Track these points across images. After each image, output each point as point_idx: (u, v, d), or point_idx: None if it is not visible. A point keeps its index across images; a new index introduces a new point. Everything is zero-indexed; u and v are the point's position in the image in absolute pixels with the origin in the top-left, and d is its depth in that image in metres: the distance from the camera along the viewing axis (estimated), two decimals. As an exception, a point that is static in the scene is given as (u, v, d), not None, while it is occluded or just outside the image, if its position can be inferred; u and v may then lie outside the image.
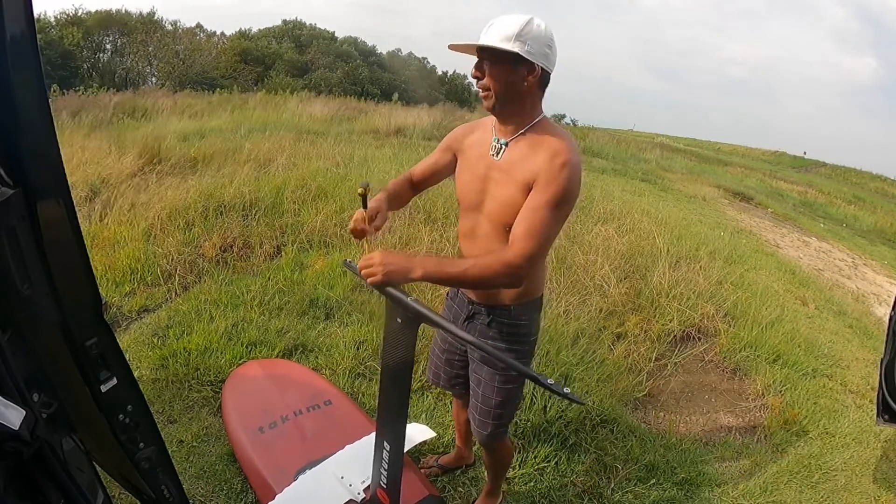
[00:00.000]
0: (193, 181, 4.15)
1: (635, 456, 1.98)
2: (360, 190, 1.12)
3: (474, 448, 1.83)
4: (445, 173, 1.33)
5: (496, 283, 1.14)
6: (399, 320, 1.06)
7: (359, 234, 1.14)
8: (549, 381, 0.94)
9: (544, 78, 1.10)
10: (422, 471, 1.71)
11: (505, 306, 1.24)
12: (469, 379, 1.39)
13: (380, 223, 1.17)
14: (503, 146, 1.15)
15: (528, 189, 1.08)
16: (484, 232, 1.19)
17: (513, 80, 1.07)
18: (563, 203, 1.07)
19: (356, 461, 1.54)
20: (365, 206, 1.13)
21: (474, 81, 1.12)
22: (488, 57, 1.08)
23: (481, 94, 1.11)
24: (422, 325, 1.06)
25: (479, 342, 1.06)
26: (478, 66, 1.10)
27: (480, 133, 1.23)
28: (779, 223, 7.79)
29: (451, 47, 1.13)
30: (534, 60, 1.05)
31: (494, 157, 1.16)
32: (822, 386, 2.79)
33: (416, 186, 1.36)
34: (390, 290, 1.03)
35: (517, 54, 1.04)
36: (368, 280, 1.02)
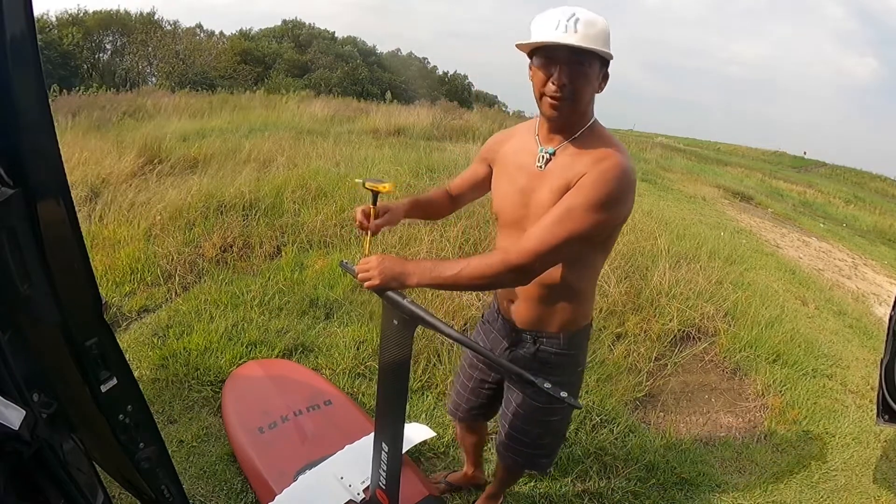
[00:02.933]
0: (193, 181, 4.15)
1: (635, 456, 1.98)
2: (382, 186, 1.11)
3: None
4: (485, 186, 1.23)
5: (496, 284, 1.08)
6: (395, 322, 1.05)
7: (363, 228, 1.14)
8: (546, 384, 0.93)
9: None
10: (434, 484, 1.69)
11: (553, 334, 1.14)
12: (501, 407, 1.31)
13: (382, 223, 1.15)
14: (550, 156, 1.04)
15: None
16: None
17: (594, 86, 0.98)
18: (602, 207, 0.93)
19: (356, 461, 1.54)
20: (374, 203, 1.13)
21: (550, 87, 0.95)
22: (581, 59, 0.93)
23: (554, 100, 0.96)
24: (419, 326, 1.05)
25: (466, 339, 1.05)
26: (572, 74, 0.94)
27: (519, 141, 1.11)
28: (779, 223, 7.79)
29: (521, 46, 0.97)
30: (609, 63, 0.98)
31: (540, 168, 1.04)
32: (822, 386, 2.79)
33: (455, 201, 1.29)
34: (387, 292, 1.03)
35: (606, 58, 0.95)
36: (365, 284, 1.01)
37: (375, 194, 1.13)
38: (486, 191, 1.25)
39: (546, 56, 0.95)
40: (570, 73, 0.94)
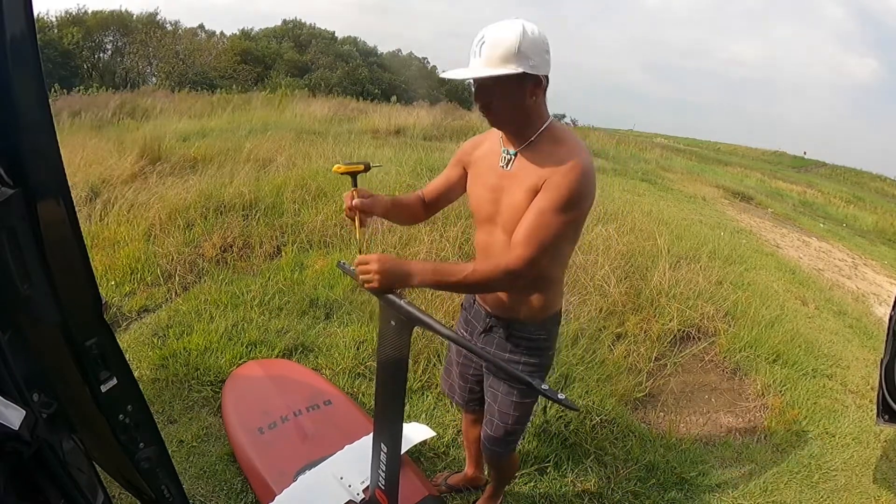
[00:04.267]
0: (193, 181, 4.15)
1: (635, 456, 1.98)
2: (359, 167, 1.12)
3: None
4: (458, 190, 1.29)
5: (496, 289, 1.13)
6: (392, 323, 1.05)
7: (350, 212, 1.13)
8: (543, 386, 0.94)
9: (546, 84, 1.06)
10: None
11: (522, 321, 1.21)
12: (484, 394, 1.35)
13: (367, 203, 1.13)
14: (513, 157, 1.11)
15: (538, 194, 1.04)
16: (500, 243, 1.15)
17: (520, 99, 1.02)
18: (569, 207, 1.01)
19: (355, 462, 1.54)
20: (355, 185, 1.14)
21: (477, 105, 1.05)
22: (490, 81, 1.00)
23: (484, 114, 1.06)
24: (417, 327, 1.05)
25: (463, 341, 1.05)
26: (482, 96, 1.03)
27: (489, 144, 1.20)
28: (779, 223, 7.79)
29: (445, 76, 1.06)
30: (538, 73, 0.99)
31: (505, 168, 1.12)
32: (822, 386, 2.79)
33: (428, 206, 1.32)
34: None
35: (523, 73, 0.97)
36: (365, 286, 1.01)
37: (354, 176, 1.13)
38: (459, 194, 1.31)
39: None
40: (485, 93, 1.03)
